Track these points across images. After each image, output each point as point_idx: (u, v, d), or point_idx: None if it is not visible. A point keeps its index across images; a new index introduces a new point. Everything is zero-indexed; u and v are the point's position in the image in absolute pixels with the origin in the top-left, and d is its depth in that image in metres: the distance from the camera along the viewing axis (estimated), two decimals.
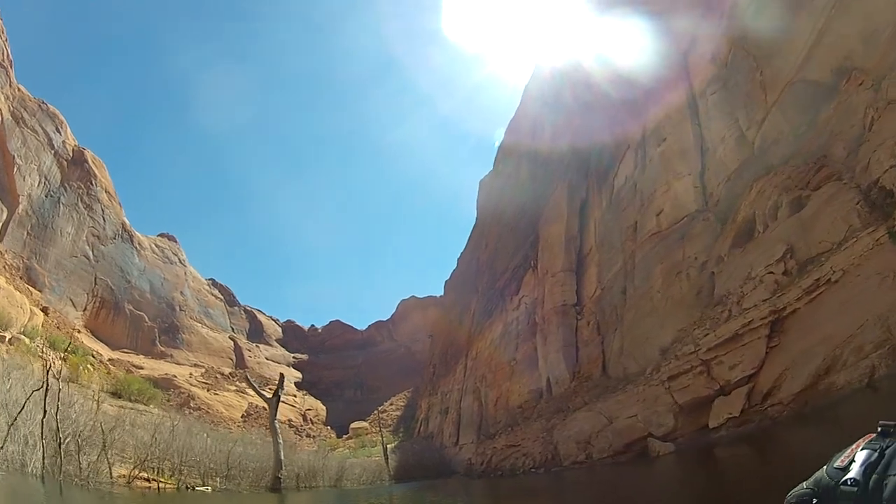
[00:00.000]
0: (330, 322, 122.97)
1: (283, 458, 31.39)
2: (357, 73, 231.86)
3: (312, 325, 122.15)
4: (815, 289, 15.63)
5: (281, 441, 32.44)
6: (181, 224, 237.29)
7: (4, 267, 54.09)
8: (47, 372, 15.98)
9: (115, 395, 39.14)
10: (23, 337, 37.94)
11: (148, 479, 22.58)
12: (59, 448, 16.97)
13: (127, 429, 26.50)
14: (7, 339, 34.76)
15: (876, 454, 1.92)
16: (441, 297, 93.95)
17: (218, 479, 27.04)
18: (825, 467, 2.01)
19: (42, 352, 35.59)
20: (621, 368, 27.29)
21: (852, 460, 1.93)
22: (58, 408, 17.61)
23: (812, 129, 19.85)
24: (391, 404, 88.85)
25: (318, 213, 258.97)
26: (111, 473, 20.26)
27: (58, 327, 53.42)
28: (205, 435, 32.70)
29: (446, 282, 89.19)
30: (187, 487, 24.72)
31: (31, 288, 57.16)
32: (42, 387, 15.66)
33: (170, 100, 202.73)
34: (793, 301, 16.25)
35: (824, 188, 17.59)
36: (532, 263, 47.44)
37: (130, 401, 38.29)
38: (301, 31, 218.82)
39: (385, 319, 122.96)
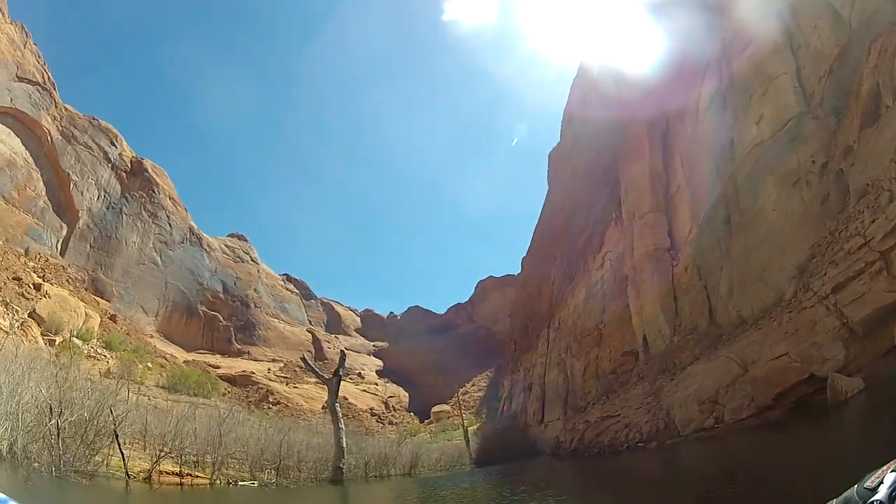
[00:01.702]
0: (408, 308, 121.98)
1: (344, 445, 27.74)
2: (391, 65, 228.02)
3: (391, 313, 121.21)
4: None
5: (342, 427, 28.82)
6: (253, 223, 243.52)
7: (68, 280, 55.20)
8: None
9: (172, 389, 37.65)
10: (75, 339, 37.19)
11: (180, 474, 19.47)
12: (53, 434, 14.70)
13: (173, 421, 23.59)
14: (58, 343, 33.77)
15: None
16: (518, 274, 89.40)
17: (267, 471, 23.79)
18: (856, 486, 1.88)
19: (95, 354, 34.48)
20: (734, 312, 22.30)
21: (881, 482, 1.80)
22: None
23: None
24: (473, 385, 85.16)
25: (384, 204, 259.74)
26: (126, 466, 17.27)
27: (127, 334, 53.68)
28: (258, 423, 30.01)
29: (523, 259, 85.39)
30: (229, 482, 21.57)
31: (97, 298, 58.24)
32: None
33: (214, 99, 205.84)
34: None
35: None
36: (614, 214, 42.23)
37: (189, 395, 36.51)
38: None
39: (464, 302, 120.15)
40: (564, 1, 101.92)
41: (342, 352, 36.28)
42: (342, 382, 35.01)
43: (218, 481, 21.15)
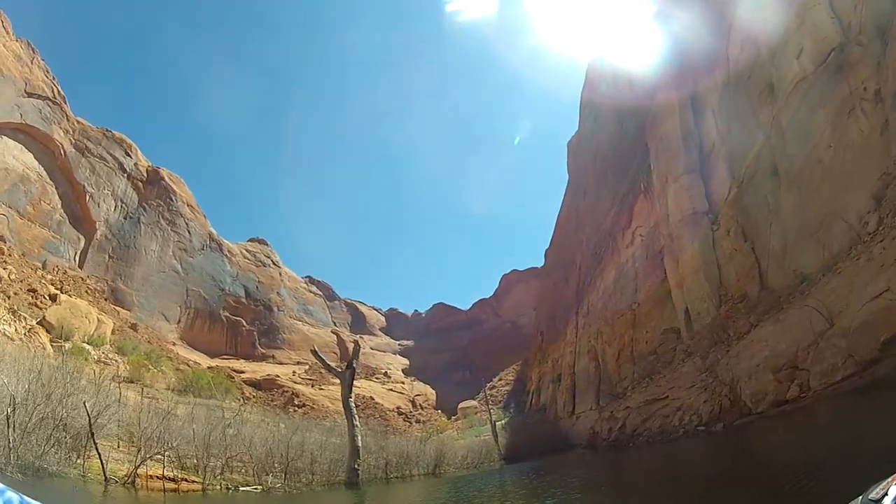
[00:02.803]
0: (433, 305, 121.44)
1: (360, 444, 25.40)
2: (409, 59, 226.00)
3: (416, 311, 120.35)
4: None
5: (357, 424, 26.44)
6: (273, 227, 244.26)
7: (87, 291, 54.87)
8: None
9: (183, 392, 36.11)
10: (85, 345, 35.96)
11: (165, 478, 17.34)
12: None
13: (167, 421, 21.47)
14: (66, 349, 32.45)
15: None
16: (543, 265, 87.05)
17: (272, 475, 21.56)
18: (860, 497, 1.95)
19: (106, 359, 33.05)
20: (789, 271, 19.63)
21: (885, 493, 1.88)
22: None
23: None
24: (500, 380, 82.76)
25: (401, 202, 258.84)
26: (104, 468, 15.16)
27: (149, 342, 52.80)
28: (270, 422, 28.02)
29: (546, 250, 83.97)
30: (228, 487, 19.34)
31: (118, 308, 57.61)
32: None
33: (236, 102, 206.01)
34: None
35: None
36: (643, 186, 39.37)
37: (201, 397, 34.72)
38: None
39: (488, 297, 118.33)
40: None
41: (356, 343, 33.96)
42: (369, 382, 33.04)
43: (217, 486, 18.97)
